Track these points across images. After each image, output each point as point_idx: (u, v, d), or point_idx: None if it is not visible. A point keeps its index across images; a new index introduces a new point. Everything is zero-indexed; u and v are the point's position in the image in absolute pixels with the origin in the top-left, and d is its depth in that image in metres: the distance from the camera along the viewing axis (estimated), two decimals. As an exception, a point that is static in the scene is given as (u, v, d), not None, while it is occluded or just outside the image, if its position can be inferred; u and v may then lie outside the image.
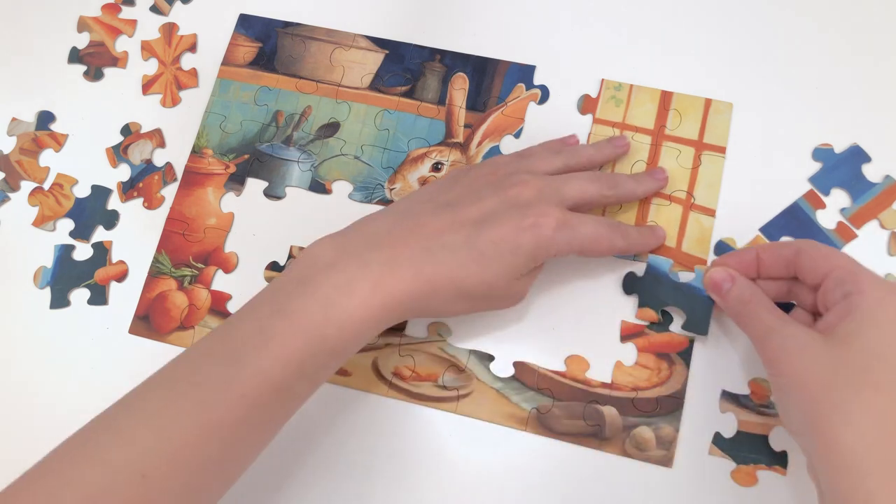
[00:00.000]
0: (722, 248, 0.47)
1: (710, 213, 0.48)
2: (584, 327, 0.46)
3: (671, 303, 0.45)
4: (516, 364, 0.46)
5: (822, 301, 0.39)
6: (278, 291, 0.39)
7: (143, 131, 0.54)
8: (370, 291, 0.37)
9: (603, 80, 0.51)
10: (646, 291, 0.46)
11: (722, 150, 0.49)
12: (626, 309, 0.46)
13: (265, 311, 0.38)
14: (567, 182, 0.43)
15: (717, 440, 0.43)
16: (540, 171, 0.44)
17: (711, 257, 0.47)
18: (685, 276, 0.46)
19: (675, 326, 0.45)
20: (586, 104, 0.51)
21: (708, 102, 0.50)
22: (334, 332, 0.37)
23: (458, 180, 0.43)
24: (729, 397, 0.44)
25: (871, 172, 0.47)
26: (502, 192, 0.41)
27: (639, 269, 0.47)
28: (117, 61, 0.56)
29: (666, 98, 0.50)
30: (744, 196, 0.48)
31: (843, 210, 0.47)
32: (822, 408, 0.34)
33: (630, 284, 0.46)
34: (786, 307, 0.41)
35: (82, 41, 0.56)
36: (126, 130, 0.54)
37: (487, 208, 0.40)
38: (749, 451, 0.43)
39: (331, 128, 0.52)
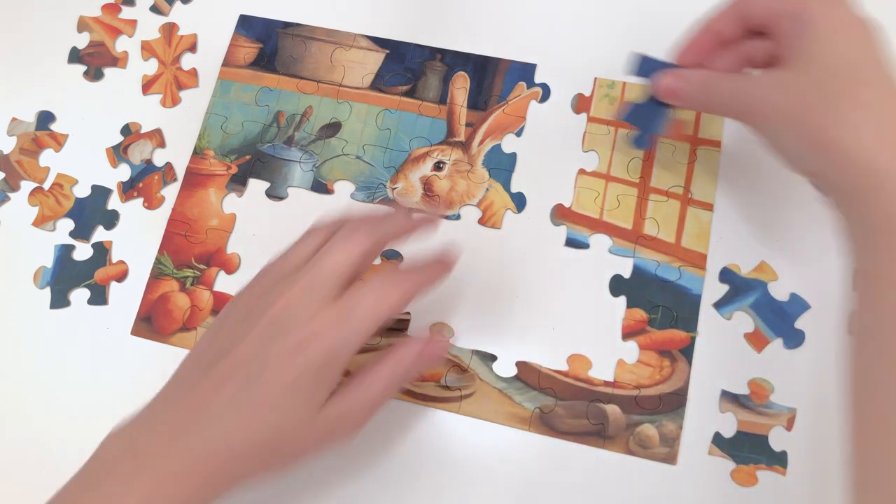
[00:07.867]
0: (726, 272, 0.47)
1: (708, 207, 0.48)
2: (585, 326, 0.46)
3: (659, 302, 0.46)
4: (519, 364, 0.46)
5: (777, 37, 0.38)
6: (67, 494, 0.35)
7: (143, 131, 0.53)
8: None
9: (596, 78, 0.52)
10: (633, 292, 0.46)
11: (717, 143, 0.49)
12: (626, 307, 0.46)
13: None
14: (324, 257, 0.36)
15: (717, 440, 0.43)
16: (301, 257, 0.38)
17: (711, 252, 0.47)
18: (671, 275, 0.46)
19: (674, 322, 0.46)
20: (580, 103, 0.51)
21: None
22: None
23: (228, 316, 0.38)
24: (729, 397, 0.44)
25: (871, 172, 0.48)
26: (264, 314, 0.36)
27: (625, 270, 0.47)
28: (117, 61, 0.55)
29: None
30: (741, 193, 0.48)
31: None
32: (821, 124, 0.34)
33: (616, 286, 0.47)
34: None
35: (82, 41, 0.56)
36: (126, 130, 0.54)
37: (254, 345, 0.35)
38: (749, 451, 0.43)
39: (332, 128, 0.52)
